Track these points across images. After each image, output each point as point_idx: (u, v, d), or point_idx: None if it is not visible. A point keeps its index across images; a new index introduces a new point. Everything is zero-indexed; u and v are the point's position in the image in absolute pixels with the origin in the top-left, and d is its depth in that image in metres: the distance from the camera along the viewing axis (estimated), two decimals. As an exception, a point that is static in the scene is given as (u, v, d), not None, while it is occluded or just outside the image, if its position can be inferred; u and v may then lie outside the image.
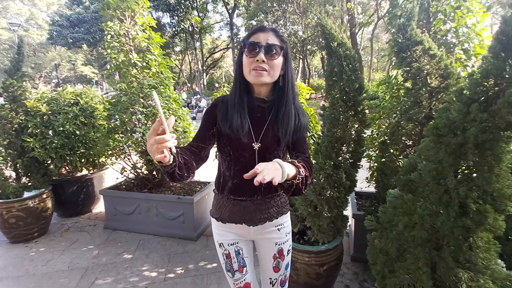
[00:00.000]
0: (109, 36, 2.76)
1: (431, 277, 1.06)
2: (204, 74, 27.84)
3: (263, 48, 0.97)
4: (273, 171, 0.80)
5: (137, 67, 2.84)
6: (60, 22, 21.21)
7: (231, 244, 1.16)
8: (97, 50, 26.54)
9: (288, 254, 1.23)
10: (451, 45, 2.05)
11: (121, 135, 2.85)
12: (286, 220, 1.21)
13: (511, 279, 0.96)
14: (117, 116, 2.85)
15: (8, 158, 2.83)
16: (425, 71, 1.64)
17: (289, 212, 1.24)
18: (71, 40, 21.10)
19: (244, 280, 1.16)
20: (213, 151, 1.23)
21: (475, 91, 0.96)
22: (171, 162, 0.83)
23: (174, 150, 0.80)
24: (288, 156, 1.17)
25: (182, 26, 22.43)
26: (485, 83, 0.95)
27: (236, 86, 1.05)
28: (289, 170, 0.87)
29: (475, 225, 0.96)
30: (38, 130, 2.87)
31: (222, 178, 1.13)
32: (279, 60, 1.00)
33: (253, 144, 1.04)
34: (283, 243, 1.20)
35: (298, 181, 0.90)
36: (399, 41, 1.68)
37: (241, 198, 1.10)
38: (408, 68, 1.71)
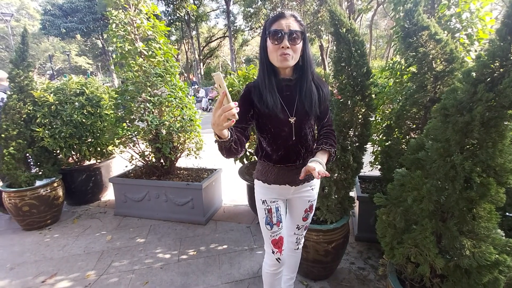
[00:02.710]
0: (113, 25, 2.76)
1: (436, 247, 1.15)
2: (201, 64, 27.50)
3: (286, 35, 1.06)
4: (319, 166, 1.10)
5: (142, 56, 2.86)
6: (52, 12, 20.61)
7: (272, 202, 1.34)
8: (91, 40, 25.98)
9: (314, 208, 1.48)
10: (455, 30, 2.09)
11: (128, 124, 2.90)
12: (317, 182, 1.46)
13: (511, 245, 1.05)
14: (122, 106, 2.89)
15: (18, 148, 2.87)
16: (431, 56, 1.69)
17: None
18: (65, 30, 20.58)
19: (279, 233, 1.35)
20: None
21: (482, 72, 1.02)
22: (229, 137, 0.97)
23: (237, 117, 0.89)
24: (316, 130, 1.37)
25: (177, 15, 21.97)
26: (492, 65, 1.01)
27: (264, 70, 1.16)
28: (325, 159, 1.18)
29: (478, 197, 1.04)
30: (47, 120, 2.91)
31: (265, 152, 1.29)
32: (300, 44, 1.11)
33: (289, 119, 1.20)
34: (313, 200, 1.45)
35: (332, 160, 1.25)
36: (406, 26, 1.71)
37: (287, 165, 1.28)
38: (414, 53, 1.76)
